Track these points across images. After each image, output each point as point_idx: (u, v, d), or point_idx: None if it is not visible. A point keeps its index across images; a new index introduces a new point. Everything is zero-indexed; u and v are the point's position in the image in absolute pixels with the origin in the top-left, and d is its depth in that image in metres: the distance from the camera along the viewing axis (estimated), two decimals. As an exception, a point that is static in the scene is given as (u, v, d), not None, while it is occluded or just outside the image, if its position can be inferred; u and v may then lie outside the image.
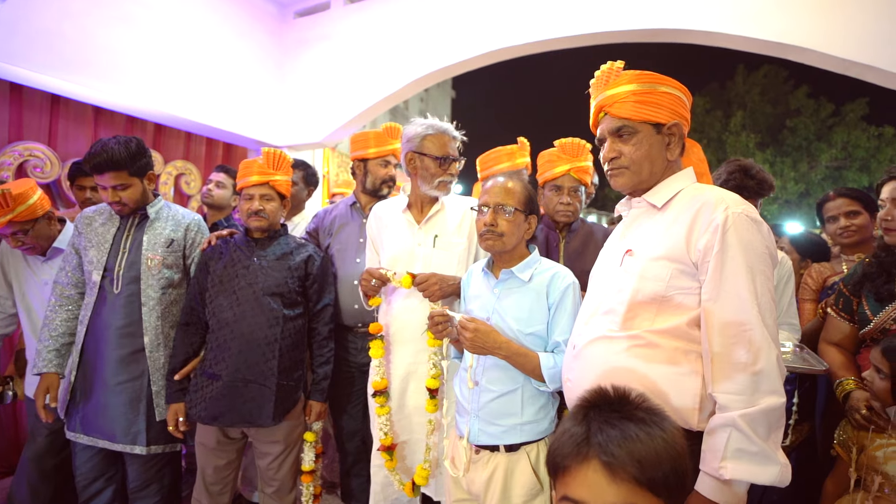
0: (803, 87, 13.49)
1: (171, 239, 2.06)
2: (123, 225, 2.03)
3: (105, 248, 1.98)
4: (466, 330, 1.41)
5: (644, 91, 1.20)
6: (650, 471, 0.67)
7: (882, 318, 1.54)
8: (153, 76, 3.64)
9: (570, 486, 0.71)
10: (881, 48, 2.84)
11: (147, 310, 1.97)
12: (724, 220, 1.06)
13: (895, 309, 1.51)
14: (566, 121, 2.57)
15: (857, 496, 1.34)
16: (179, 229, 2.09)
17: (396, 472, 1.82)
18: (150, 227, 2.03)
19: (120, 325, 1.95)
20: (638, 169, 1.22)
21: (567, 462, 0.72)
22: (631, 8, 3.43)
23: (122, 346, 1.95)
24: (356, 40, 4.40)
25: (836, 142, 13.04)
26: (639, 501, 0.67)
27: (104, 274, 1.96)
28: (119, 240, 2.00)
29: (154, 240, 2.02)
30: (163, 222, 2.06)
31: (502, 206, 1.49)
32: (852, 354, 1.66)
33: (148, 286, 1.98)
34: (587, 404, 0.77)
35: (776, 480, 1.01)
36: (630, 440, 0.69)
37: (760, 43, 3.17)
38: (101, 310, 1.95)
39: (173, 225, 2.08)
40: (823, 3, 2.97)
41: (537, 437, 1.45)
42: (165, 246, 2.04)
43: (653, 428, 0.71)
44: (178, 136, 4.32)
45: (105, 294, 1.96)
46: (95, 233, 2.00)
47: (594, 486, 0.68)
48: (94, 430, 1.94)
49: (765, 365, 1.01)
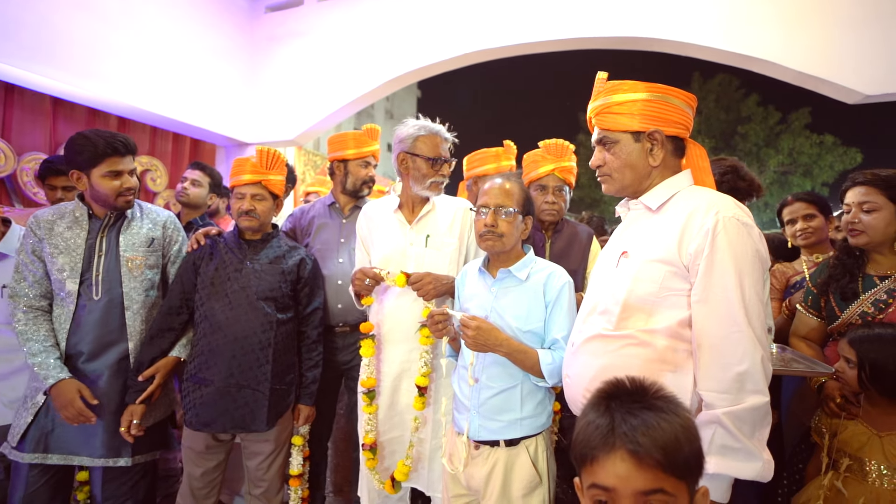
0: (754, 95, 14.24)
1: (152, 238, 1.95)
2: (94, 227, 1.87)
3: (78, 254, 1.82)
4: (469, 328, 1.43)
5: (620, 102, 1.25)
6: (673, 455, 0.72)
7: (848, 315, 1.66)
8: (116, 67, 3.47)
9: (599, 475, 0.74)
10: (833, 62, 3.05)
11: (131, 314, 1.87)
12: (715, 225, 1.11)
13: (859, 306, 1.64)
14: (531, 121, 2.60)
15: (827, 477, 1.45)
16: (157, 227, 1.99)
17: (376, 470, 1.83)
18: (127, 227, 1.91)
19: (102, 333, 1.83)
20: (620, 176, 1.28)
21: (595, 452, 0.75)
22: (605, 16, 3.55)
23: (107, 354, 1.83)
24: (329, 38, 4.34)
25: (783, 148, 13.83)
26: (664, 485, 0.72)
27: (81, 281, 1.82)
28: (92, 243, 1.85)
29: (132, 240, 1.90)
30: (139, 221, 1.95)
31: (502, 207, 1.52)
32: (820, 347, 1.79)
33: (131, 289, 1.88)
34: (607, 396, 0.81)
35: (759, 476, 1.06)
36: (653, 428, 0.74)
37: (728, 54, 3.34)
38: (80, 319, 1.81)
39: (150, 223, 1.97)
40: (785, 21, 3.16)
41: (536, 431, 1.49)
42: (146, 245, 1.93)
43: (670, 415, 0.76)
44: (143, 131, 4.15)
45: (84, 302, 1.82)
46: (61, 238, 1.82)
47: (622, 474, 0.72)
48: (69, 447, 1.79)
49: (749, 366, 1.06)
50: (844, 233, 1.71)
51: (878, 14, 2.94)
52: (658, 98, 1.25)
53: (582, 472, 0.79)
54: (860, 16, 2.99)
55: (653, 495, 0.71)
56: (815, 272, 1.85)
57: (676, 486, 0.72)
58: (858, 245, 1.68)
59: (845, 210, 1.71)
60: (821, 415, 1.60)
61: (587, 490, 0.76)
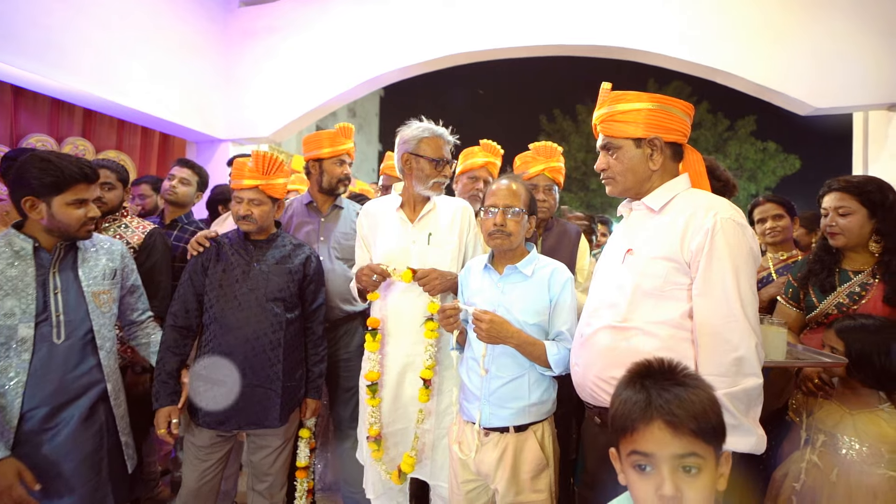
0: (704, 102, 15.00)
1: (114, 269, 1.83)
2: (41, 261, 1.65)
3: (29, 294, 1.59)
4: (482, 321, 1.51)
5: (624, 111, 1.37)
6: (703, 423, 0.83)
7: (826, 305, 1.84)
8: (83, 55, 3.29)
9: (639, 443, 0.85)
10: (790, 77, 3.32)
11: (105, 353, 1.73)
12: (713, 225, 1.23)
13: (836, 297, 1.82)
14: (490, 122, 2.70)
15: (804, 452, 1.62)
16: (115, 258, 1.86)
17: (383, 461, 1.88)
18: (83, 259, 1.75)
19: (70, 378, 1.63)
20: (623, 179, 1.40)
21: (635, 423, 0.85)
22: (572, 25, 3.72)
23: (77, 402, 1.64)
24: (306, 34, 4.30)
25: (731, 153, 14.62)
26: (696, 449, 0.83)
27: (36, 324, 1.60)
28: (44, 280, 1.63)
29: (93, 273, 1.76)
30: (94, 252, 1.80)
31: (509, 207, 1.61)
32: (797, 335, 1.98)
33: (101, 326, 1.72)
34: (640, 375, 0.91)
35: (753, 448, 1.19)
36: (685, 401, 0.85)
37: (692, 65, 3.56)
38: (40, 368, 1.58)
39: (107, 254, 1.83)
40: (746, 36, 3.41)
41: (542, 417, 1.59)
42: (110, 278, 1.81)
43: (697, 390, 0.87)
44: (110, 124, 4.00)
45: (43, 348, 1.59)
46: (4, 277, 1.57)
47: (660, 441, 0.83)
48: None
49: (745, 351, 1.18)
50: (823, 233, 1.90)
51: (832, 33, 3.22)
52: (659, 108, 1.36)
53: (621, 442, 0.89)
54: (816, 34, 3.27)
55: (686, 458, 0.82)
56: (795, 268, 2.04)
57: (706, 449, 0.83)
58: (837, 246, 1.86)
59: (823, 214, 1.89)
60: (797, 395, 1.78)
61: (628, 457, 0.86)
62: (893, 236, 1.77)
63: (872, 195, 1.78)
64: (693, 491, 0.80)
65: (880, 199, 1.78)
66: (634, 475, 0.85)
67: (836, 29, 3.22)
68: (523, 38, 3.82)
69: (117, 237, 2.38)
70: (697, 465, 0.82)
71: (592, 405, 1.40)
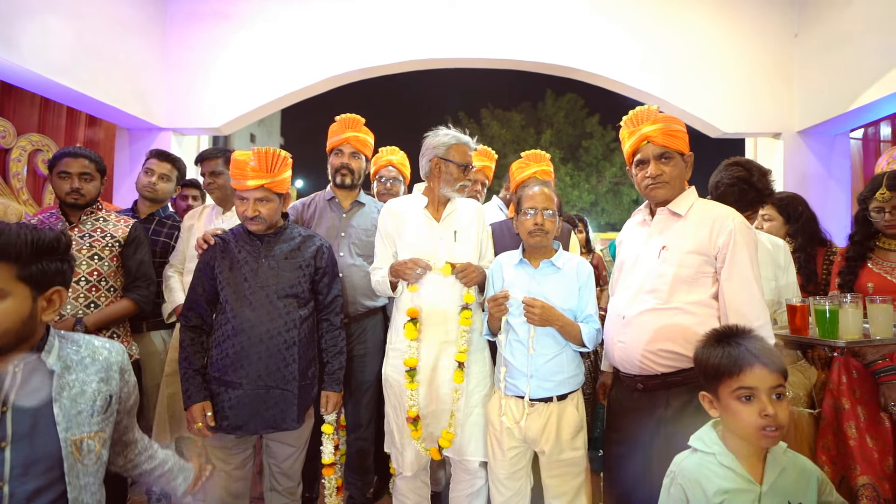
0: (596, 115, 16.65)
1: (109, 394, 1.16)
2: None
3: None
4: (535, 307, 1.77)
5: (675, 129, 1.71)
6: (780, 363, 1.19)
7: None
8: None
9: (744, 380, 1.17)
10: (707, 104, 4.01)
11: None
12: (734, 227, 1.60)
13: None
14: (406, 134, 2.91)
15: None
16: (112, 372, 1.18)
17: (422, 440, 2.05)
18: (61, 385, 1.08)
19: None
20: (674, 184, 1.72)
21: (741, 367, 1.18)
22: (508, 40, 4.10)
23: None
24: (263, 26, 4.18)
25: (616, 161, 16.37)
26: (782, 381, 1.18)
27: None
28: None
29: (74, 407, 1.09)
30: (77, 367, 1.13)
31: (546, 209, 1.88)
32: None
33: (85, 486, 1.08)
34: (724, 336, 1.26)
35: None
36: (767, 349, 1.21)
37: (624, 86, 4.12)
38: None
39: (98, 368, 1.16)
40: (671, 66, 4.03)
41: (577, 387, 1.89)
42: (102, 411, 1.13)
43: (763, 340, 1.24)
44: (31, 103, 3.54)
45: None
46: None
47: (760, 377, 1.16)
48: None
49: (763, 321, 1.54)
50: None
51: (738, 69, 3.96)
52: (685, 130, 1.74)
53: (723, 383, 1.21)
54: (725, 67, 3.98)
55: (777, 388, 1.17)
56: None
57: (783, 382, 1.19)
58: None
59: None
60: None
61: (733, 392, 1.19)
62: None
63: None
64: (782, 410, 1.16)
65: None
66: (739, 405, 1.18)
67: (742, 66, 3.97)
68: (462, 50, 4.14)
69: (97, 231, 2.24)
70: (782, 392, 1.18)
71: (635, 375, 1.70)
